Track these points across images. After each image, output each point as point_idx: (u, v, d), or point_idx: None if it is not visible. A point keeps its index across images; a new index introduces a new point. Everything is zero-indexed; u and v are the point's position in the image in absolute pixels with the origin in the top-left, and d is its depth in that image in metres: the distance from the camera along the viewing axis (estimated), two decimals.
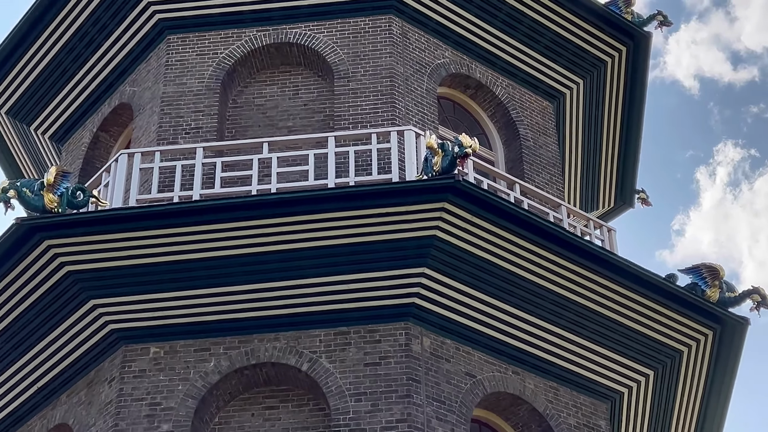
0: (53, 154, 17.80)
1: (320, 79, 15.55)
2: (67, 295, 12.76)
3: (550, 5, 16.57)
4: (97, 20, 16.25)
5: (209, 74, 15.31)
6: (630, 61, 17.41)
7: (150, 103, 15.37)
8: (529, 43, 16.75)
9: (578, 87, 17.40)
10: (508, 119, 16.49)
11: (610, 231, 15.12)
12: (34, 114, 17.54)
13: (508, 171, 16.06)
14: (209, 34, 15.70)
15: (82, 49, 16.53)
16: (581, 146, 18.20)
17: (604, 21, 16.95)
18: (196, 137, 14.66)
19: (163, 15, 15.77)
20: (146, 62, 16.00)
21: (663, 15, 17.15)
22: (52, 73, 16.91)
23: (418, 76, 15.49)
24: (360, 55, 15.37)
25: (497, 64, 16.61)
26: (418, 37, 15.89)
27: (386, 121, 14.64)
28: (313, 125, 15.10)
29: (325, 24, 15.72)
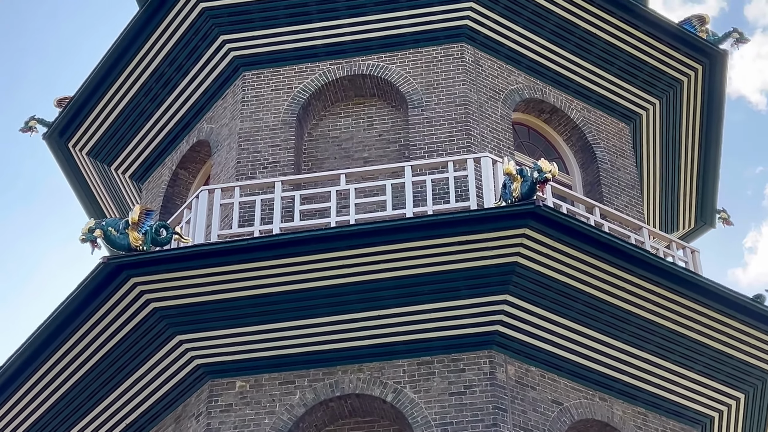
0: (134, 192, 18.10)
1: (394, 110, 15.61)
2: (153, 332, 12.92)
3: (623, 26, 16.44)
4: (174, 60, 16.53)
5: (285, 109, 15.46)
6: (707, 79, 17.18)
7: (227, 139, 15.56)
8: (602, 65, 16.63)
9: (654, 107, 17.22)
10: (584, 142, 16.37)
11: (694, 252, 14.89)
12: (114, 154, 17.86)
13: (586, 194, 15.92)
14: (283, 69, 15.87)
15: (159, 89, 16.82)
16: (659, 167, 17.98)
17: (678, 40, 16.77)
18: (273, 171, 14.79)
19: (238, 52, 15.99)
20: (222, 99, 16.22)
21: (739, 32, 16.90)
22: (130, 113, 17.22)
23: (492, 103, 15.47)
24: (433, 84, 15.40)
25: (571, 88, 16.52)
26: (490, 64, 15.88)
27: (462, 148, 14.63)
28: (388, 155, 15.14)
29: (397, 54, 15.80)
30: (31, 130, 18.13)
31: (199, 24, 16.11)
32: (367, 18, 15.88)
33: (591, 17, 16.29)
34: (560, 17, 16.19)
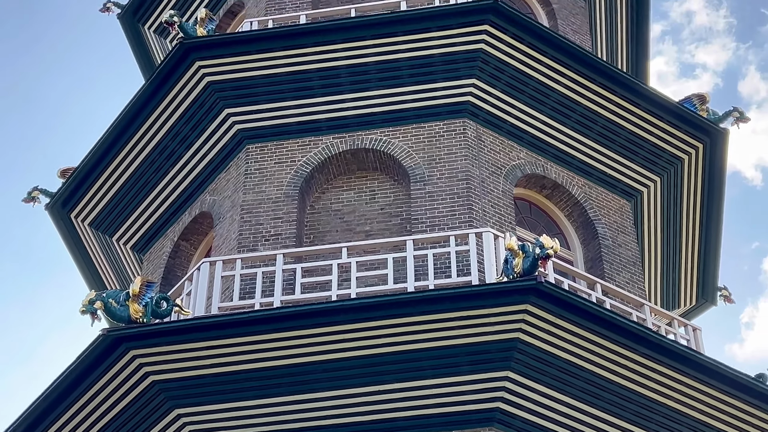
0: (135, 263, 18.08)
1: (396, 184, 15.67)
2: (151, 405, 12.79)
3: (624, 104, 16.58)
4: (178, 133, 16.64)
5: (288, 181, 15.52)
6: (707, 158, 17.28)
7: (230, 211, 15.60)
8: (604, 142, 16.74)
9: (655, 185, 17.29)
10: (585, 219, 16.40)
11: (696, 330, 14.83)
12: (116, 225, 17.88)
13: (588, 271, 15.91)
14: (287, 142, 15.97)
15: (162, 161, 16.90)
16: (660, 244, 17.99)
17: (679, 119, 16.90)
18: (275, 244, 14.80)
19: (242, 126, 16.10)
20: (226, 171, 16.29)
21: (739, 111, 17.04)
22: (134, 185, 17.29)
23: (494, 178, 15.53)
24: (435, 159, 15.48)
25: (572, 164, 16.61)
26: (492, 139, 15.98)
27: (463, 223, 14.65)
28: (390, 229, 15.17)
29: (400, 129, 15.91)
30: (34, 200, 18.19)
31: (204, 97, 16.25)
32: (370, 93, 16.02)
33: (592, 95, 16.43)
34: (561, 94, 16.34)
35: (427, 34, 15.89)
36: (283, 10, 17.83)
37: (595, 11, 20.81)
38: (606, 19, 21.19)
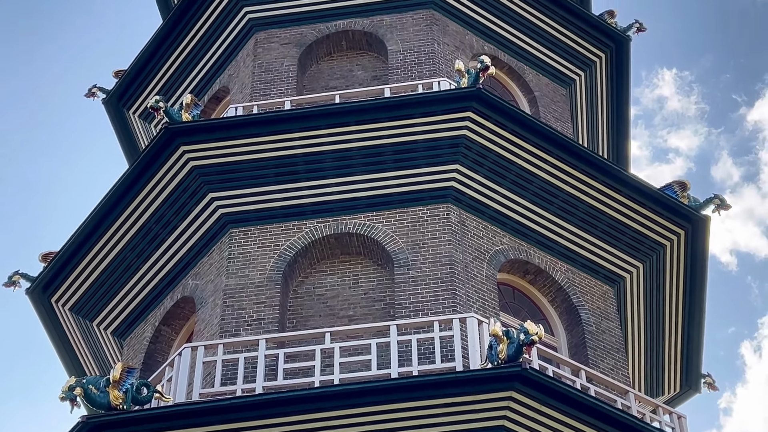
0: (115, 349, 17.90)
1: (380, 268, 15.65)
2: None
3: (606, 191, 16.70)
4: (161, 217, 16.62)
5: (271, 266, 15.47)
6: (689, 245, 17.37)
7: (212, 296, 15.51)
8: (586, 228, 16.82)
9: (638, 271, 17.33)
10: (569, 304, 16.39)
11: (681, 418, 14.74)
12: (97, 310, 17.74)
13: (572, 357, 15.83)
14: (271, 226, 15.96)
15: (145, 245, 16.86)
16: (644, 330, 17.98)
17: (661, 205, 17.03)
18: (258, 329, 14.68)
19: (226, 210, 16.11)
20: (209, 255, 16.24)
21: (720, 198, 17.19)
22: (115, 269, 17.20)
23: (478, 263, 15.54)
24: (419, 244, 15.49)
25: (555, 250, 16.65)
26: (476, 224, 16.03)
27: (447, 308, 14.60)
28: (374, 314, 15.10)
29: (384, 214, 15.95)
30: (14, 285, 18.04)
31: (189, 182, 16.28)
32: (354, 178, 16.09)
33: (574, 181, 16.56)
34: (544, 180, 16.45)
35: (410, 121, 16.03)
36: (268, 96, 17.99)
37: (575, 99, 21.09)
38: (587, 107, 21.47)
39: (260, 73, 18.50)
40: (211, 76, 20.09)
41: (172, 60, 20.52)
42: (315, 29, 19.17)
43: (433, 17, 19.07)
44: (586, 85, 21.06)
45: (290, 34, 19.15)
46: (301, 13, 19.32)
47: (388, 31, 18.91)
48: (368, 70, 18.87)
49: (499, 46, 19.80)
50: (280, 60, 18.72)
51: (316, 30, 19.16)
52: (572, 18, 20.40)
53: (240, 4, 19.44)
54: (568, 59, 20.61)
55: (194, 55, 20.28)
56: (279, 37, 19.16)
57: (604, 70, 21.07)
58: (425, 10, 19.14)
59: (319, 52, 19.14)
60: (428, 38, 18.65)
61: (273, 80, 18.39)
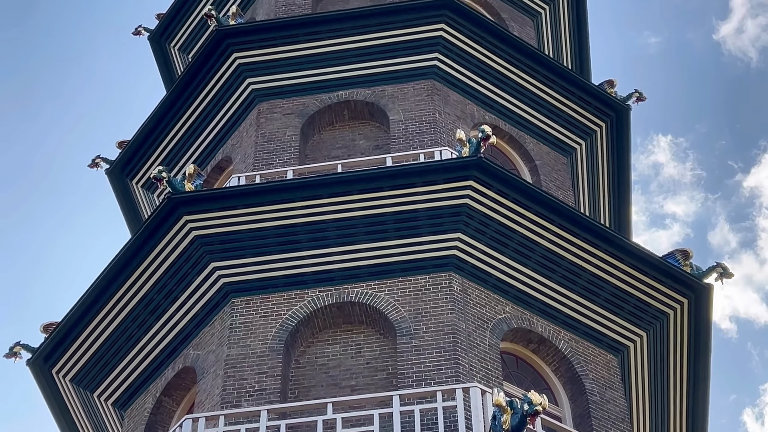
0: (115, 420, 17.75)
1: (382, 337, 15.58)
2: None
3: (608, 259, 16.70)
4: (163, 287, 16.60)
5: (273, 335, 15.41)
6: (692, 313, 17.30)
7: (214, 366, 15.42)
8: (589, 296, 16.77)
9: (642, 340, 17.24)
10: (572, 374, 16.28)
11: None
12: (98, 381, 17.64)
13: (576, 427, 15.69)
14: (273, 296, 15.94)
15: (147, 315, 16.81)
16: (648, 400, 17.82)
17: (663, 274, 17.00)
18: (259, 399, 14.58)
19: (227, 279, 16.10)
20: (210, 326, 16.19)
21: (723, 267, 17.16)
22: (116, 340, 17.14)
23: (480, 332, 15.47)
24: (422, 313, 15.44)
25: (558, 318, 16.59)
26: (478, 293, 16.00)
27: (450, 378, 14.51)
28: (376, 384, 14.99)
29: (386, 282, 15.92)
30: (15, 356, 17.97)
31: (191, 251, 16.29)
32: (356, 246, 16.11)
33: (576, 249, 16.56)
34: (546, 249, 16.45)
35: (412, 190, 16.10)
36: (271, 166, 18.09)
37: (576, 167, 21.19)
38: (588, 175, 21.56)
39: (263, 143, 18.62)
40: (215, 146, 20.22)
41: (175, 130, 20.67)
42: (317, 99, 19.34)
43: (435, 87, 19.25)
44: (587, 154, 21.17)
45: (293, 104, 19.32)
46: (304, 84, 19.51)
47: (389, 101, 19.07)
48: (370, 139, 18.99)
49: (499, 115, 19.95)
50: (283, 130, 18.86)
51: (319, 100, 19.33)
52: (572, 88, 20.58)
53: (243, 75, 19.64)
54: (568, 128, 20.75)
55: (197, 126, 20.43)
56: (281, 108, 19.32)
57: (605, 138, 21.19)
58: (426, 81, 19.33)
59: (321, 122, 19.29)
60: (429, 108, 18.81)
61: (275, 150, 18.50)
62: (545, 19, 24.09)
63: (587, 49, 24.98)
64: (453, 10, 19.59)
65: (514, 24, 23.00)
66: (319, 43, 19.63)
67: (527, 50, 20.19)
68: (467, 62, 19.72)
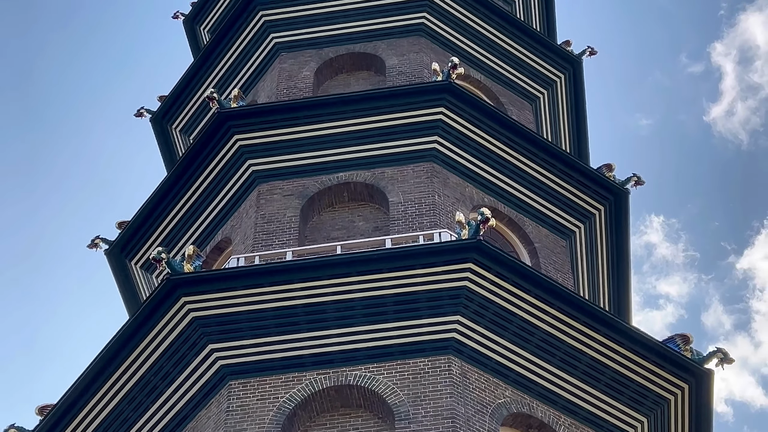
0: None
1: (381, 422, 15.43)
2: None
3: (609, 344, 16.61)
4: (160, 369, 16.49)
5: (269, 419, 15.25)
6: (693, 398, 17.15)
7: None
8: (589, 381, 16.65)
9: (643, 425, 17.06)
10: None
11: None
12: None
13: None
14: (270, 378, 15.81)
15: (143, 398, 16.66)
16: None
17: (664, 359, 16.90)
18: None
19: (225, 361, 16.00)
20: (207, 408, 16.03)
21: (723, 352, 17.07)
22: (112, 422, 16.92)
23: (480, 417, 15.32)
24: (420, 396, 15.31)
25: (558, 403, 16.44)
26: (477, 377, 15.88)
27: None
28: None
29: (384, 365, 15.82)
30: None
31: (189, 333, 16.22)
32: (355, 329, 16.04)
33: (576, 333, 16.49)
34: (545, 332, 16.38)
35: (411, 272, 16.09)
36: (270, 247, 18.10)
37: (575, 250, 21.21)
38: (587, 258, 21.58)
39: (262, 224, 18.67)
40: (214, 227, 20.26)
41: (175, 211, 20.73)
42: (317, 181, 19.44)
43: (434, 170, 19.36)
44: (586, 237, 21.22)
45: (293, 185, 19.40)
46: (304, 166, 19.63)
47: (389, 183, 19.16)
48: (369, 221, 19.04)
49: (499, 198, 20.03)
50: (283, 211, 18.91)
51: (319, 182, 19.43)
52: (571, 171, 20.70)
53: (244, 157, 19.76)
54: (567, 211, 20.82)
55: (198, 206, 20.50)
56: (281, 189, 19.40)
57: (604, 222, 21.25)
58: (426, 163, 19.44)
59: (321, 203, 19.36)
60: (429, 190, 18.89)
61: (275, 231, 18.54)
62: (544, 103, 24.33)
63: (585, 133, 25.20)
64: (452, 94, 19.79)
65: (513, 108, 23.23)
66: (320, 126, 19.80)
67: (526, 134, 20.36)
68: (466, 145, 19.87)
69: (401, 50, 22.44)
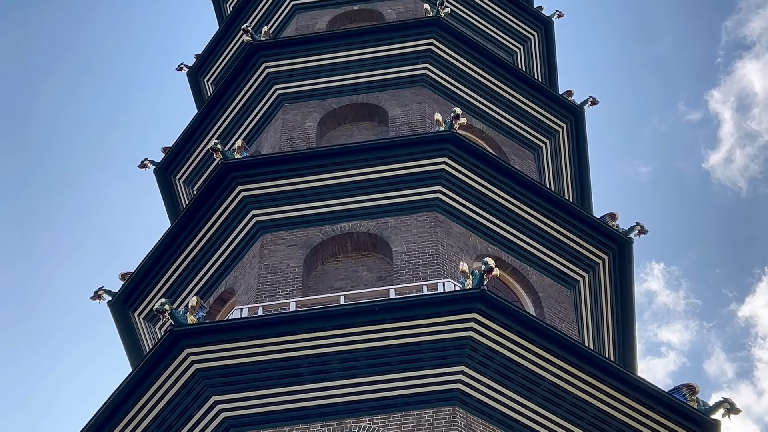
0: None
1: None
2: None
3: (615, 394, 16.50)
4: (163, 422, 16.36)
5: None
6: None
7: None
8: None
9: None
10: None
11: None
12: None
13: None
14: (274, 430, 15.70)
15: None
16: None
17: (671, 410, 16.74)
18: None
19: (229, 413, 15.91)
20: None
21: (730, 402, 16.92)
22: None
23: None
24: None
25: None
26: (483, 428, 15.81)
27: None
28: None
29: (389, 417, 15.73)
30: None
31: (192, 385, 16.13)
32: (359, 380, 15.95)
33: (582, 384, 16.38)
34: (551, 383, 16.29)
35: (415, 322, 16.04)
36: (274, 297, 18.06)
37: (580, 299, 21.16)
38: (591, 307, 21.52)
39: (266, 275, 18.65)
40: (218, 278, 20.24)
41: (179, 262, 20.72)
42: (321, 231, 19.45)
43: (437, 219, 19.37)
44: (590, 286, 21.17)
45: (296, 236, 19.41)
46: (307, 216, 19.65)
47: (392, 232, 19.17)
48: (373, 271, 19.02)
49: (502, 247, 20.02)
50: (286, 261, 18.91)
51: (322, 232, 19.44)
52: (575, 220, 20.70)
53: (247, 208, 19.79)
54: (571, 261, 20.79)
55: (201, 257, 20.49)
56: (285, 239, 19.41)
57: (608, 271, 21.22)
58: (429, 213, 19.46)
59: (324, 254, 19.35)
60: (432, 240, 18.89)
61: (278, 281, 18.51)
62: (546, 152, 24.41)
63: (588, 181, 25.26)
64: (455, 144, 19.87)
65: (516, 157, 23.30)
66: (323, 176, 19.85)
67: (529, 183, 20.40)
68: (469, 195, 19.90)
69: (404, 100, 22.56)
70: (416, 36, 23.19)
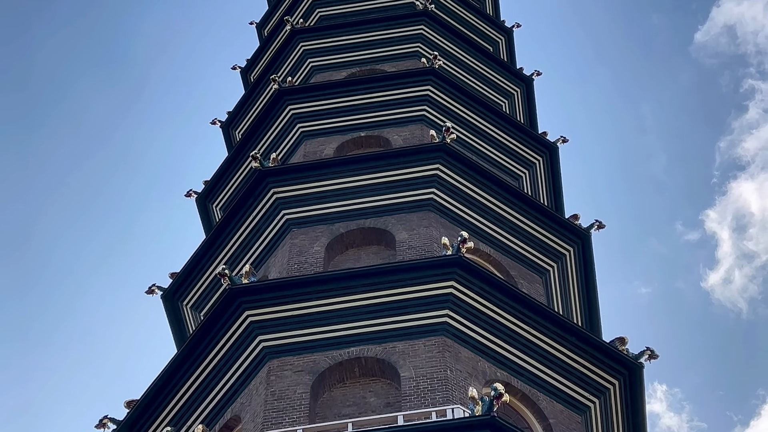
0: None
1: None
2: None
3: None
4: None
5: None
6: None
7: None
8: None
9: None
10: None
11: None
12: None
13: None
14: None
15: None
16: None
17: None
18: None
19: None
20: None
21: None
22: None
23: None
24: None
25: None
26: None
27: None
28: None
29: None
30: None
31: None
32: None
33: None
34: None
35: None
36: (280, 425, 17.81)
37: (591, 425, 20.84)
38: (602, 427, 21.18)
39: (273, 401, 18.43)
40: (224, 405, 19.99)
41: (185, 389, 20.51)
42: (328, 356, 19.30)
43: (446, 344, 19.23)
44: (601, 412, 20.88)
45: (303, 361, 19.25)
46: (315, 341, 19.54)
47: (400, 357, 19.01)
48: (381, 396, 18.80)
49: (511, 372, 19.81)
50: (293, 387, 18.70)
51: (329, 357, 19.28)
52: (584, 345, 20.54)
53: (255, 333, 19.69)
54: (581, 386, 20.54)
55: (207, 384, 20.29)
56: (292, 365, 19.24)
57: (619, 396, 20.94)
58: (437, 337, 19.33)
59: (331, 379, 19.16)
60: (441, 365, 18.72)
61: (285, 408, 18.29)
62: (554, 275, 24.39)
63: (596, 305, 25.17)
64: (462, 267, 19.86)
65: (523, 281, 23.26)
66: (330, 301, 19.81)
67: (538, 307, 20.31)
68: (478, 319, 19.80)
69: (411, 225, 22.67)
70: (423, 161, 23.46)
